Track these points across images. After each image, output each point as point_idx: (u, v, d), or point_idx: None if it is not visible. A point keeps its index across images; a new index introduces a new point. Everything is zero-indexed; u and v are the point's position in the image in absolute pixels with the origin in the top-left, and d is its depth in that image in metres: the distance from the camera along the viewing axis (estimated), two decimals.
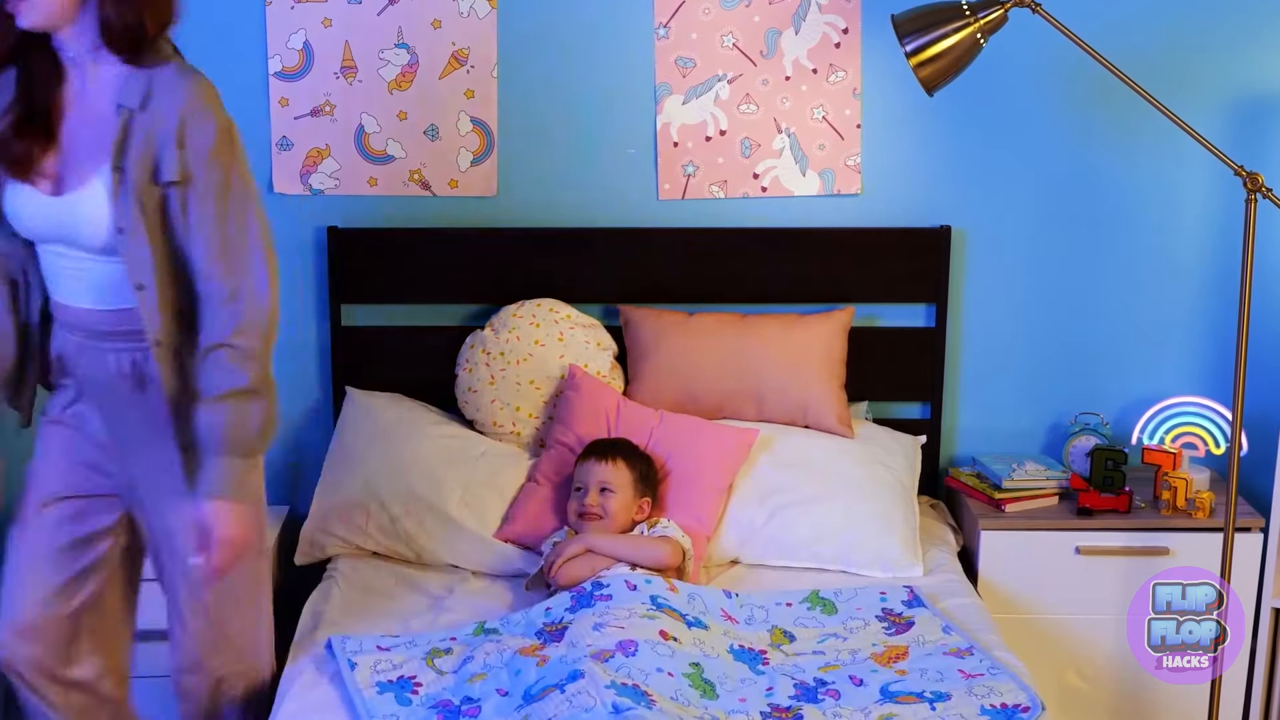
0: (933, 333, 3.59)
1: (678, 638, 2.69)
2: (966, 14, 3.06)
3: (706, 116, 3.53)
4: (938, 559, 3.29)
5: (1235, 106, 3.51)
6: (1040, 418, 3.71)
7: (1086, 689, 3.46)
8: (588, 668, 2.50)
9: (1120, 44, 3.30)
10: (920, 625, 2.91)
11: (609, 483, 3.12)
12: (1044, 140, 3.55)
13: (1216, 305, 3.62)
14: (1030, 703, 2.59)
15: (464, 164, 3.54)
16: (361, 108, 3.50)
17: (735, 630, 2.86)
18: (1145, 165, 3.56)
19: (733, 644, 2.79)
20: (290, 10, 3.45)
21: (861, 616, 2.97)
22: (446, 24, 3.48)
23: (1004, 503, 3.44)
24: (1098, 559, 3.40)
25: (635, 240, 3.54)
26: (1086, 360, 3.67)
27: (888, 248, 3.55)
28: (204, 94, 2.43)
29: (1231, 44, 3.50)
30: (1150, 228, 3.60)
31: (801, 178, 3.56)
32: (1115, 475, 3.43)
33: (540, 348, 3.43)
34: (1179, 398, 3.56)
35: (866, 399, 3.63)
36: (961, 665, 2.72)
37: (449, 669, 2.68)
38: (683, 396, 3.44)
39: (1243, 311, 3.08)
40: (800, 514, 3.25)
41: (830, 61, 3.50)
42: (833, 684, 2.67)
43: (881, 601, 3.01)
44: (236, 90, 3.46)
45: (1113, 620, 3.40)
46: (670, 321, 3.48)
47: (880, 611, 2.98)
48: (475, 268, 3.55)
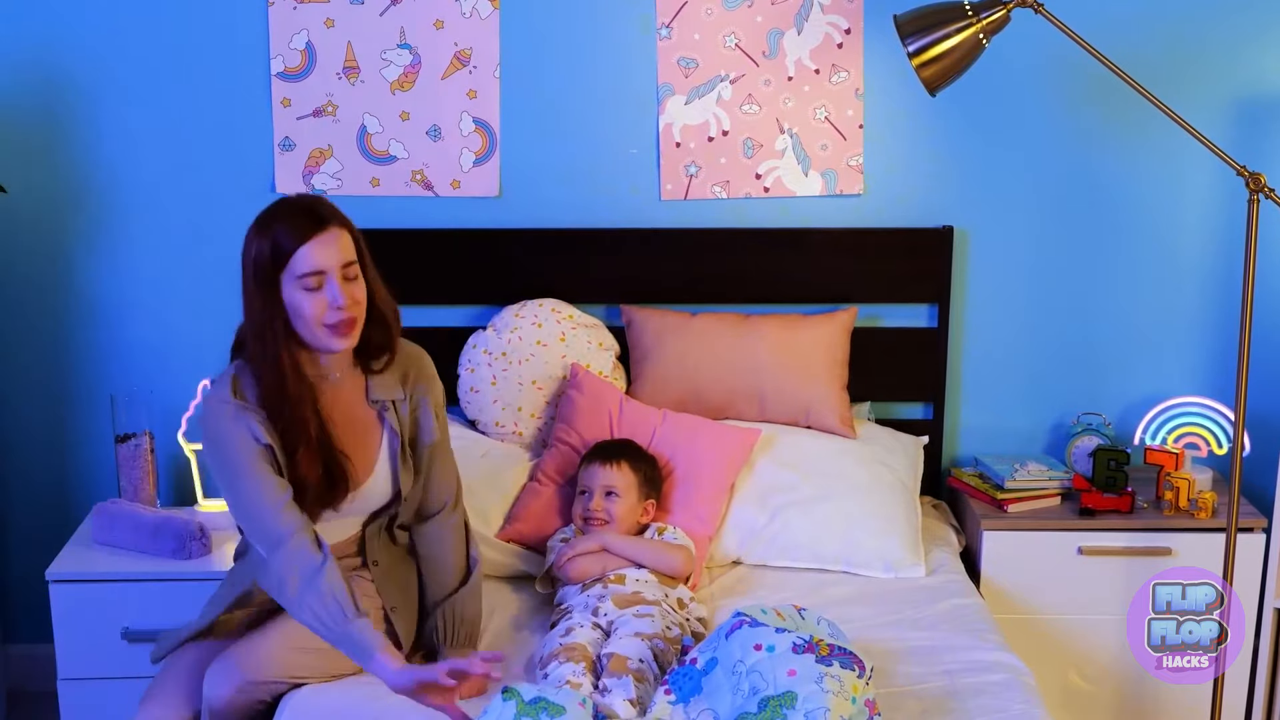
0: (935, 333, 3.59)
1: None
2: (969, 14, 3.06)
3: (709, 117, 3.53)
4: (940, 559, 3.29)
5: (1237, 106, 3.51)
6: (1042, 418, 3.71)
7: (1089, 689, 3.46)
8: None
9: (1122, 44, 3.29)
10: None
11: (614, 486, 3.12)
12: (1046, 141, 3.55)
13: (1219, 305, 3.62)
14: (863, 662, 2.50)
15: (466, 164, 3.55)
16: (364, 108, 3.51)
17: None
18: (1147, 165, 3.56)
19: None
20: (292, 11, 3.45)
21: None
22: (449, 24, 3.48)
23: (1006, 503, 3.44)
24: (1100, 559, 3.40)
25: (637, 240, 3.55)
26: (1089, 360, 3.67)
27: (890, 248, 3.55)
28: None
29: (1233, 44, 3.49)
30: (1152, 228, 3.60)
31: (804, 178, 3.56)
32: (1117, 475, 3.43)
33: (542, 348, 3.43)
34: (1181, 398, 3.57)
35: (869, 399, 3.63)
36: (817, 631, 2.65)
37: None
38: (685, 397, 3.44)
39: (1245, 312, 3.08)
40: (802, 514, 3.25)
41: (832, 62, 3.50)
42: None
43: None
44: (238, 90, 3.50)
45: (1115, 620, 3.40)
46: (672, 322, 3.48)
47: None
48: (477, 268, 3.55)
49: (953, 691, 2.71)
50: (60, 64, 3.46)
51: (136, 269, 3.56)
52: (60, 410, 3.65)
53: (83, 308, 3.59)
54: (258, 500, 2.55)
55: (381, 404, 2.74)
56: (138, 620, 3.20)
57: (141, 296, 3.56)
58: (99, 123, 3.50)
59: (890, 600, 3.11)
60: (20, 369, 3.63)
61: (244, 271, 2.56)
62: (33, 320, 3.60)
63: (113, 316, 3.60)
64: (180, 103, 3.49)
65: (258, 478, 2.56)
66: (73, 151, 3.51)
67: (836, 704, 2.42)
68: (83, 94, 3.48)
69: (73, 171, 3.52)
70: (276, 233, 2.52)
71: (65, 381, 3.64)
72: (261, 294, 2.54)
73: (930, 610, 3.06)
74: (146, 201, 3.54)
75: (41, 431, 3.67)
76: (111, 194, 3.54)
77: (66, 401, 3.65)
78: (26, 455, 3.68)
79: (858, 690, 2.47)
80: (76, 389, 3.64)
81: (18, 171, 3.50)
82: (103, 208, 3.54)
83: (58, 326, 3.61)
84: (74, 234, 3.56)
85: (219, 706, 2.59)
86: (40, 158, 3.51)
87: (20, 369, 3.63)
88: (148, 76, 3.48)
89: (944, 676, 2.77)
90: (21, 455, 3.68)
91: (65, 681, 3.25)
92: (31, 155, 3.51)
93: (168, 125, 3.50)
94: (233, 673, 2.61)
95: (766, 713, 2.44)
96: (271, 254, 2.51)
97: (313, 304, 2.54)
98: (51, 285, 3.59)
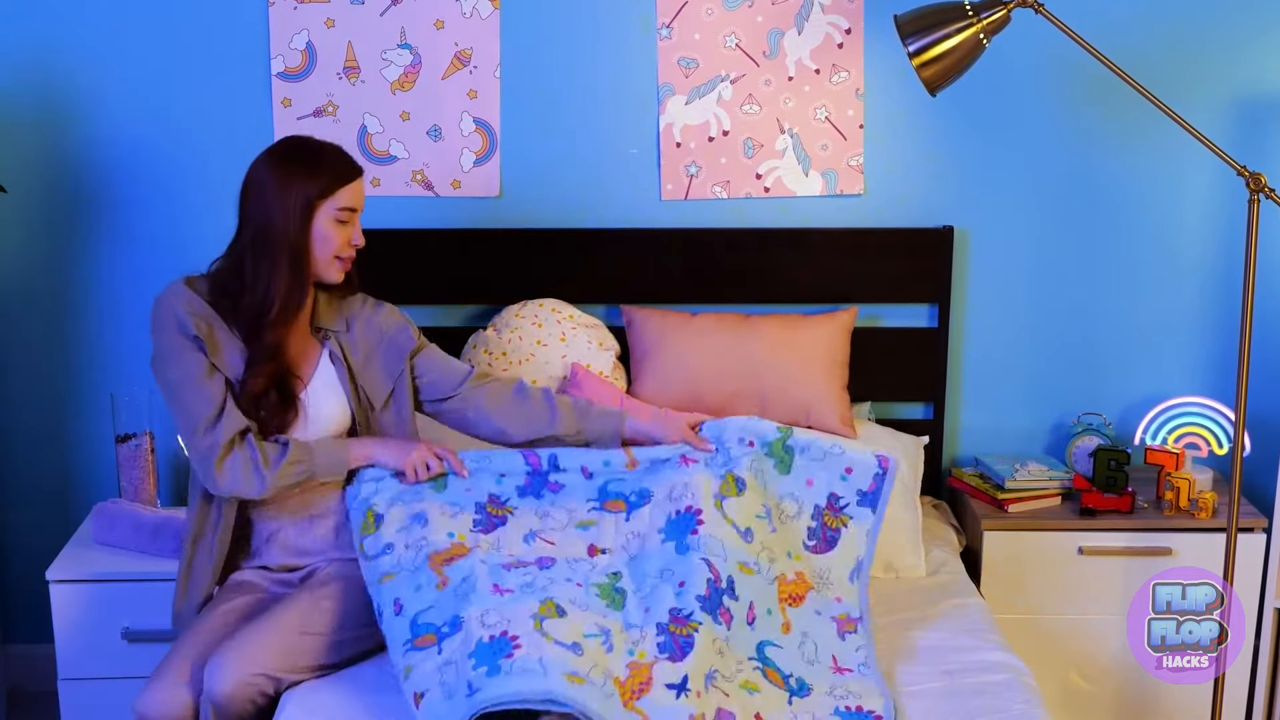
0: (935, 333, 3.59)
1: (607, 548, 2.78)
2: (969, 14, 3.06)
3: (709, 117, 3.53)
4: (941, 559, 3.29)
5: (1237, 106, 3.51)
6: (1043, 418, 3.71)
7: (1089, 689, 3.46)
8: (469, 616, 2.55)
9: (1123, 44, 3.30)
10: (842, 547, 2.89)
11: None
12: (1047, 141, 3.55)
13: (1219, 305, 3.62)
14: (885, 713, 2.62)
15: (467, 164, 3.55)
16: (364, 108, 3.51)
17: (684, 479, 2.85)
18: (1148, 165, 3.56)
19: (670, 514, 2.80)
20: (293, 11, 3.45)
21: (800, 499, 2.92)
22: (449, 24, 3.48)
23: (1007, 503, 3.44)
24: (1100, 559, 3.40)
25: (638, 240, 3.55)
26: (1089, 360, 3.67)
27: (890, 248, 3.55)
28: None
29: (1234, 44, 3.50)
30: (1153, 228, 3.60)
31: (804, 178, 3.56)
32: (1118, 475, 3.43)
33: (542, 348, 3.43)
34: (1182, 398, 3.56)
35: (869, 399, 3.63)
36: (839, 649, 2.77)
37: (384, 539, 2.80)
38: (685, 397, 3.43)
39: (1245, 312, 3.08)
40: None
41: (833, 62, 3.50)
42: (736, 597, 2.70)
43: (840, 481, 2.92)
44: (239, 91, 3.50)
45: (1115, 620, 3.40)
46: (673, 322, 3.48)
47: (825, 500, 2.91)
48: (477, 268, 3.55)
49: (953, 691, 2.71)
50: (60, 64, 3.46)
51: (136, 269, 3.56)
52: (60, 410, 3.65)
53: (83, 308, 3.59)
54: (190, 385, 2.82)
55: (324, 331, 2.94)
56: (138, 620, 3.20)
57: (141, 296, 3.56)
58: (99, 123, 3.50)
59: (891, 600, 3.11)
60: (20, 369, 3.63)
61: (267, 195, 2.79)
62: (33, 320, 3.60)
63: (113, 316, 3.60)
64: (180, 103, 3.49)
65: (191, 365, 2.80)
66: (73, 151, 3.51)
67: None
68: (83, 94, 3.48)
69: (73, 171, 3.52)
70: (328, 166, 2.82)
71: (65, 381, 3.64)
72: (297, 218, 2.79)
73: (931, 610, 3.06)
74: (146, 201, 3.54)
75: (41, 431, 3.67)
76: (112, 194, 3.53)
77: (66, 401, 3.65)
78: (26, 455, 3.68)
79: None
80: (76, 389, 3.64)
81: (18, 171, 3.50)
82: (103, 208, 3.54)
83: (58, 326, 3.61)
84: (74, 234, 3.56)
85: (220, 699, 2.60)
86: (40, 158, 3.51)
87: (20, 369, 3.63)
88: (148, 76, 3.48)
89: (944, 676, 2.77)
90: (21, 455, 3.68)
91: (65, 681, 3.24)
92: (31, 155, 3.51)
93: (168, 125, 3.50)
94: (232, 665, 2.62)
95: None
96: (323, 184, 2.80)
97: (338, 236, 2.84)
98: (51, 285, 3.59)
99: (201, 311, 2.81)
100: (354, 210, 2.86)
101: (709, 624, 2.62)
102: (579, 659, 2.47)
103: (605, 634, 2.56)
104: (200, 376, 2.79)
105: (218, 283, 2.84)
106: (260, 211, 2.79)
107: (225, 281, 2.83)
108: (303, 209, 2.79)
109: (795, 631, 2.78)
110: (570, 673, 2.42)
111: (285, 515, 2.91)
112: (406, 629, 2.61)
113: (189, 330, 2.79)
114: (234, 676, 2.61)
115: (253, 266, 2.80)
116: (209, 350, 2.79)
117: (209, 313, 2.82)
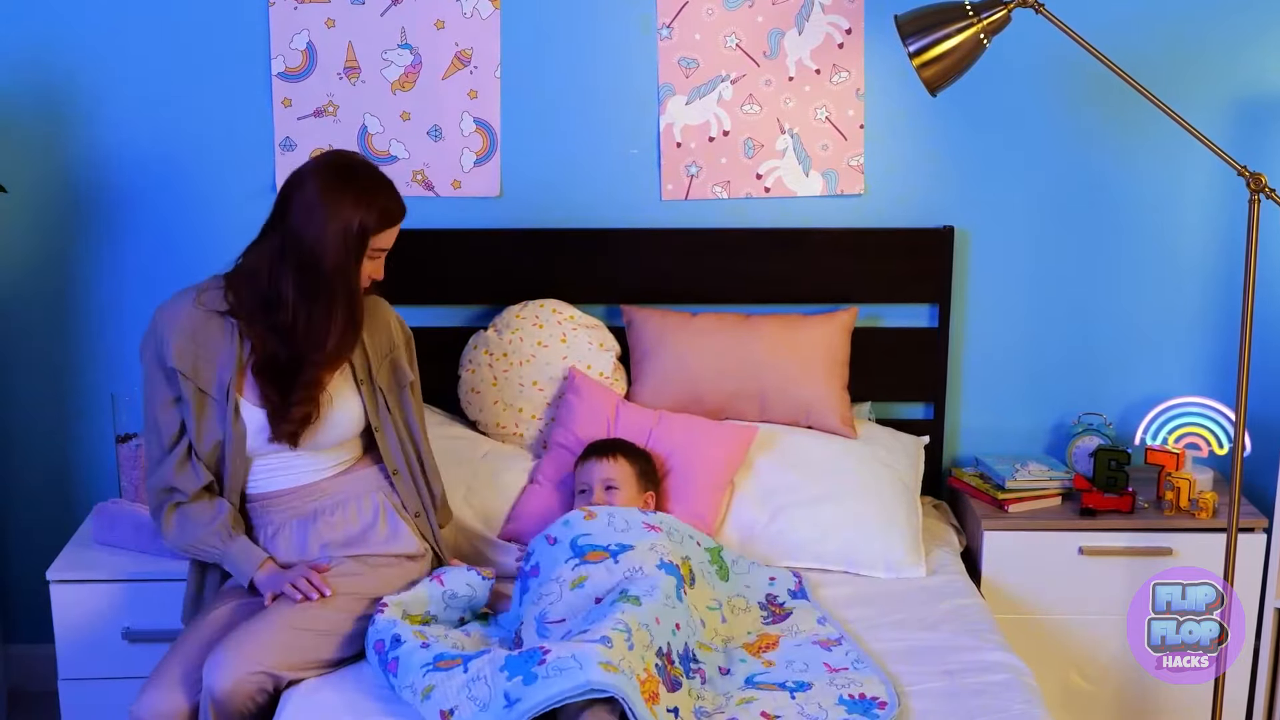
0: (935, 333, 3.59)
1: (609, 589, 2.79)
2: (969, 14, 3.06)
3: (709, 117, 3.53)
4: (941, 559, 3.29)
5: (1238, 106, 3.51)
6: (1043, 418, 3.71)
7: (1089, 689, 3.46)
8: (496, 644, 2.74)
9: (1123, 44, 3.29)
10: (796, 616, 3.00)
11: (613, 479, 3.12)
12: (1047, 140, 3.55)
13: (1219, 306, 3.62)
14: (889, 698, 2.65)
15: (467, 164, 3.55)
16: (364, 108, 3.51)
17: (659, 543, 2.90)
18: (1148, 165, 3.56)
19: (660, 559, 2.84)
20: (293, 11, 3.45)
21: (745, 596, 3.05)
22: (449, 24, 3.48)
23: (1007, 503, 3.44)
24: (1101, 559, 3.40)
25: (638, 241, 3.55)
26: (1089, 360, 3.67)
27: (891, 248, 3.55)
28: None
29: (1234, 44, 3.50)
30: (1153, 228, 3.60)
31: (804, 178, 3.56)
32: (1118, 475, 3.43)
33: (543, 348, 3.43)
34: (1182, 398, 3.56)
35: (869, 399, 3.63)
36: (828, 658, 2.80)
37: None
38: (685, 397, 3.44)
39: (1246, 312, 3.08)
40: (803, 514, 3.25)
41: (833, 62, 3.50)
42: (702, 664, 2.75)
43: (768, 587, 3.10)
44: (239, 91, 3.50)
45: (1116, 621, 3.40)
46: (673, 322, 3.48)
47: (764, 598, 3.07)
48: (478, 268, 3.55)
49: (953, 692, 2.71)
50: (60, 64, 3.46)
51: (137, 269, 3.56)
52: (61, 410, 3.65)
53: (83, 307, 3.59)
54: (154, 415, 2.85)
55: None
56: (138, 620, 3.20)
57: (141, 296, 3.55)
58: (99, 123, 3.50)
59: (891, 600, 3.11)
60: (21, 369, 3.63)
61: (314, 220, 2.72)
62: (33, 320, 3.60)
63: (113, 316, 3.60)
64: (180, 103, 3.49)
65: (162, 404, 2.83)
66: (73, 151, 3.51)
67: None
68: (83, 94, 3.48)
69: (73, 171, 3.52)
70: (383, 205, 2.79)
71: (65, 381, 3.64)
72: (348, 251, 2.74)
73: (931, 610, 3.06)
74: (147, 201, 3.54)
75: (41, 431, 3.67)
76: (112, 194, 3.53)
77: (67, 401, 3.65)
78: (26, 455, 3.68)
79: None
80: (77, 389, 3.64)
81: (18, 171, 3.50)
82: (103, 208, 3.54)
83: (58, 326, 3.61)
84: (74, 234, 3.56)
85: (219, 696, 2.60)
86: (40, 158, 3.51)
87: (21, 369, 3.63)
88: (148, 76, 3.48)
89: (945, 677, 2.77)
90: (21, 455, 3.68)
91: (66, 681, 3.24)
92: (31, 155, 3.51)
93: (168, 125, 3.50)
94: (232, 661, 2.62)
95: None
96: (376, 221, 2.77)
97: (365, 270, 2.82)
98: (52, 285, 3.59)
99: (199, 329, 2.80)
100: (385, 251, 2.85)
101: (685, 681, 2.66)
102: (609, 650, 2.50)
103: (628, 631, 2.58)
104: (163, 404, 2.82)
105: (242, 286, 2.80)
106: (306, 231, 2.73)
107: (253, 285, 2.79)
108: (356, 246, 2.75)
109: (780, 662, 2.82)
110: (605, 662, 2.46)
111: (287, 512, 2.91)
112: (429, 656, 2.62)
113: (166, 362, 2.78)
114: (233, 673, 2.61)
115: (298, 298, 2.75)
116: (191, 374, 2.79)
117: (212, 325, 2.80)
